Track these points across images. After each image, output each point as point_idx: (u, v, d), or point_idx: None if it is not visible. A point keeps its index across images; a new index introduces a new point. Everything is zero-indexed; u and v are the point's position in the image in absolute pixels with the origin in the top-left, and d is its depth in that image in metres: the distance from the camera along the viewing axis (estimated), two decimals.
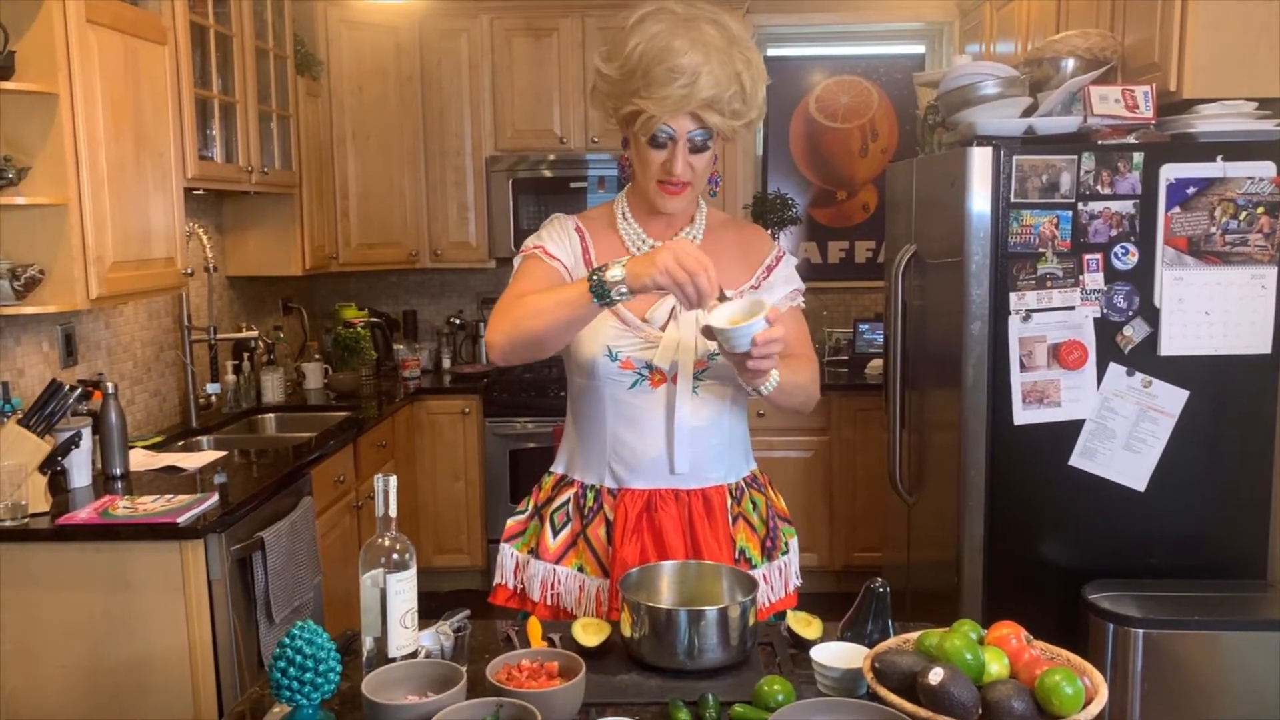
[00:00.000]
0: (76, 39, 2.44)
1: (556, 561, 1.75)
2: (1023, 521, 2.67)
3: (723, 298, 1.64)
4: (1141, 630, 2.42)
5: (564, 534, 1.75)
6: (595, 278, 1.48)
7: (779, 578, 1.82)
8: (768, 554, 1.81)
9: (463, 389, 4.40)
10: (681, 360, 1.68)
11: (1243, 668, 2.42)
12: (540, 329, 1.55)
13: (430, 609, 1.55)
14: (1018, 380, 2.60)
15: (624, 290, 1.47)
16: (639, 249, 1.74)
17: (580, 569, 1.74)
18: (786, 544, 1.86)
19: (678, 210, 1.73)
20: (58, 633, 2.32)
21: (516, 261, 1.75)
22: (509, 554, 1.82)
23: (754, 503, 1.81)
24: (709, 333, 1.53)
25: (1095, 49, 2.74)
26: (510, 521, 1.85)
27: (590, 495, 1.75)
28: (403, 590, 1.38)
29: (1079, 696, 1.19)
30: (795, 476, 4.25)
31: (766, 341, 1.48)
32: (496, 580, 1.83)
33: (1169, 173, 2.52)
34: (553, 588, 1.74)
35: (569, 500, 1.77)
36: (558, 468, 1.83)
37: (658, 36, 1.57)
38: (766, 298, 1.78)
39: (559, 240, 1.75)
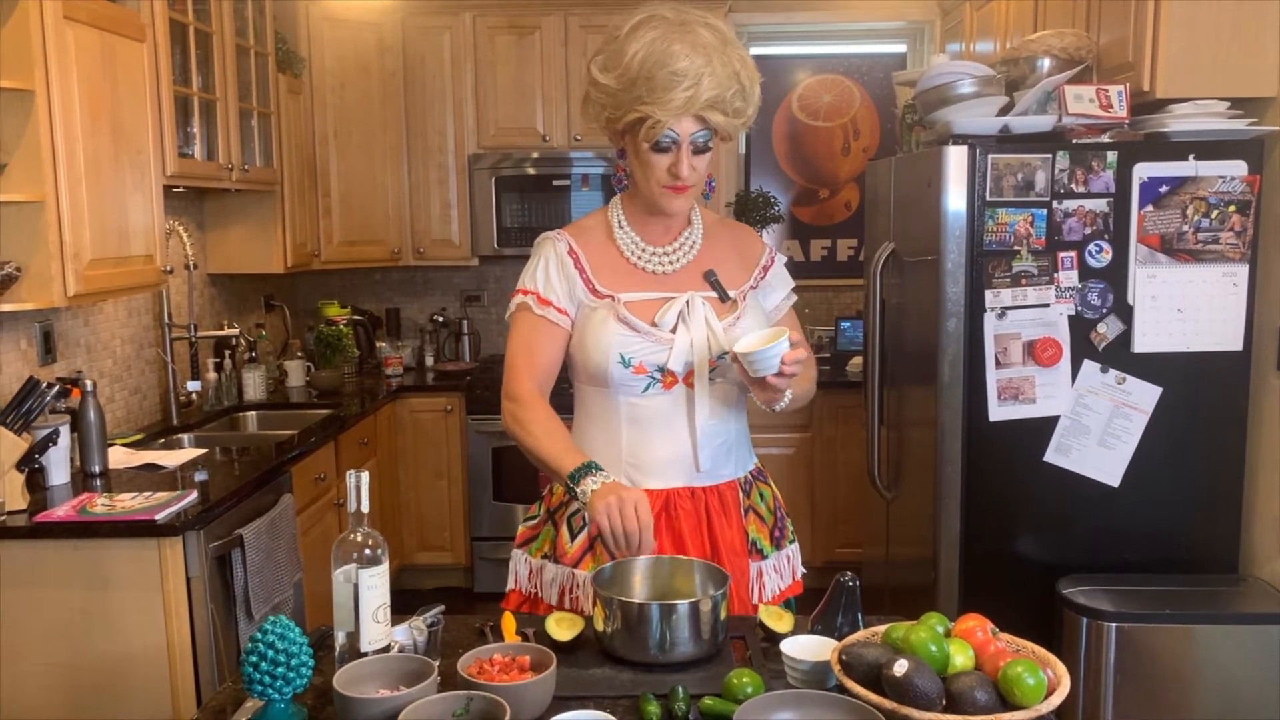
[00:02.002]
0: (53, 35, 2.43)
1: (575, 565, 1.75)
2: (998, 517, 2.69)
3: (723, 296, 1.73)
4: (1115, 624, 2.45)
5: (581, 537, 1.75)
6: (572, 483, 1.59)
7: (787, 566, 1.88)
8: (776, 543, 1.85)
9: (446, 387, 4.40)
10: (696, 360, 1.71)
11: (1215, 661, 2.45)
12: (526, 453, 1.70)
13: (413, 606, 1.56)
14: (993, 377, 2.62)
15: (582, 504, 1.58)
16: (638, 258, 1.76)
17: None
18: (792, 534, 1.92)
19: (682, 211, 1.75)
20: (36, 631, 2.32)
21: (512, 305, 1.78)
22: (521, 559, 1.83)
23: (762, 494, 1.86)
24: (736, 361, 1.61)
25: (1070, 49, 2.77)
26: (522, 527, 1.87)
27: None
28: (375, 585, 1.39)
29: (1041, 688, 1.21)
30: (777, 473, 4.21)
31: (794, 361, 1.59)
32: (509, 586, 1.84)
33: (1142, 171, 2.54)
34: (571, 591, 1.75)
35: None
36: None
37: (656, 42, 1.59)
38: (765, 296, 1.82)
39: (552, 276, 1.75)
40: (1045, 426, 2.63)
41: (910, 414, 3.03)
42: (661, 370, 1.71)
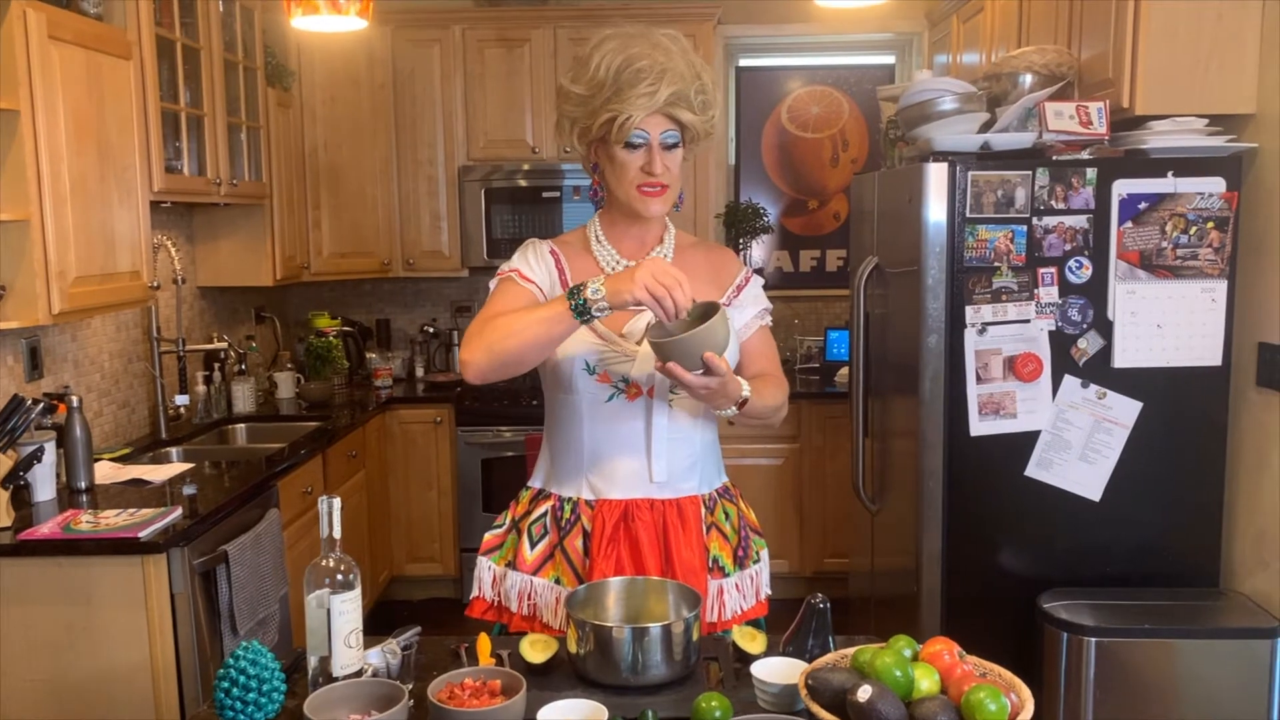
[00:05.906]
0: (38, 55, 2.44)
1: (534, 573, 1.78)
2: (980, 531, 2.70)
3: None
4: (1095, 639, 2.45)
5: (541, 545, 1.79)
6: (575, 295, 1.56)
7: (750, 585, 1.87)
8: (739, 562, 1.85)
9: (435, 398, 4.41)
10: (658, 373, 1.70)
11: (1195, 676, 2.46)
12: (517, 347, 1.62)
13: (402, 617, 1.57)
14: (974, 392, 2.63)
15: (604, 306, 1.56)
16: (613, 269, 1.79)
17: (557, 580, 1.77)
18: (758, 554, 1.90)
19: (659, 214, 1.78)
20: (20, 648, 2.33)
21: (492, 284, 1.82)
22: (486, 567, 1.86)
23: (726, 513, 1.86)
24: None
25: (1052, 65, 2.78)
26: (488, 535, 1.90)
27: (568, 508, 1.80)
28: (347, 610, 1.40)
29: (1003, 713, 1.22)
30: (766, 484, 4.29)
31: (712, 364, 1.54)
32: (474, 593, 1.87)
33: (1121, 188, 2.56)
34: (529, 598, 1.78)
35: (546, 513, 1.81)
36: (535, 482, 1.88)
37: (619, 49, 1.70)
38: (736, 314, 1.82)
39: (534, 263, 1.82)
40: (1026, 441, 2.65)
41: (894, 426, 3.04)
42: (626, 381, 1.74)
